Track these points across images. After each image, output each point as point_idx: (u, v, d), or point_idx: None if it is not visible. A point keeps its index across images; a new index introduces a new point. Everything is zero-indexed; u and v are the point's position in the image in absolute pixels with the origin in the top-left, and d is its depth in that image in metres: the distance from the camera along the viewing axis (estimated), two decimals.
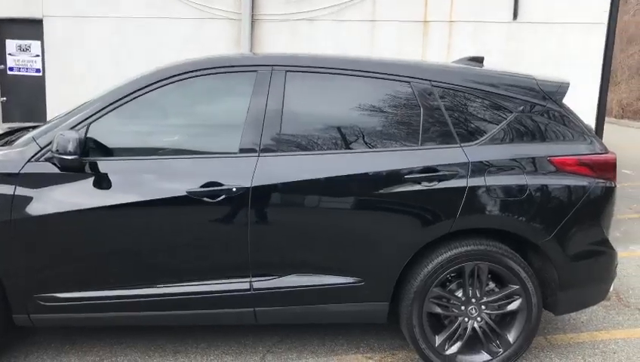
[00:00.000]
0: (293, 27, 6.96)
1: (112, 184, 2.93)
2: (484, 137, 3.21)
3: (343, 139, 3.15)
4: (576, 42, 6.10)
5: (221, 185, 2.96)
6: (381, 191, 3.06)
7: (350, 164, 3.08)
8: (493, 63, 3.69)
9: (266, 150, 3.04)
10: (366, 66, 3.23)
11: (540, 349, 3.60)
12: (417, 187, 3.06)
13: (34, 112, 8.53)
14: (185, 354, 3.41)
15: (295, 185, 3.02)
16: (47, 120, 3.51)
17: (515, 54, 5.71)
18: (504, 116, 3.25)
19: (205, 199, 2.95)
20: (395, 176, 3.06)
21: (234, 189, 2.96)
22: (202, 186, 2.95)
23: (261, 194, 2.98)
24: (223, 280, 3.06)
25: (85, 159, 2.87)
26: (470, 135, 3.20)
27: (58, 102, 8.25)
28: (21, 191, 2.89)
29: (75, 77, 8.00)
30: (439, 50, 6.49)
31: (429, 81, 3.23)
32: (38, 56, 8.64)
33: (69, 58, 8.00)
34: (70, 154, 2.76)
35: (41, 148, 2.95)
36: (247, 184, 2.97)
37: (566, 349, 3.64)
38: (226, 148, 3.08)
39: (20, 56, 8.72)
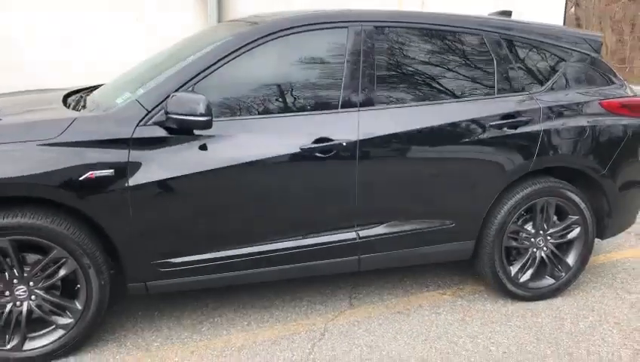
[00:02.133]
0: None
1: (230, 143, 2.92)
2: (547, 84, 3.53)
3: (430, 90, 3.32)
4: None
5: (331, 140, 3.05)
6: (470, 138, 3.29)
7: (440, 114, 3.27)
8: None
9: (365, 104, 3.15)
10: (443, 20, 3.40)
11: None
12: (501, 133, 3.33)
13: None
14: (276, 307, 3.51)
15: (395, 137, 3.17)
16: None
17: (485, 6, 6.03)
18: (560, 65, 3.59)
19: (317, 154, 3.02)
20: (482, 124, 3.31)
21: (344, 143, 3.06)
22: (314, 142, 3.02)
23: (366, 146, 3.10)
24: (332, 232, 3.18)
25: (215, 120, 2.81)
26: (536, 82, 3.52)
27: None
28: (135, 156, 2.79)
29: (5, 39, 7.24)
30: (414, 4, 6.76)
31: (498, 33, 3.48)
32: None
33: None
34: (202, 115, 2.70)
35: (149, 111, 2.85)
36: (354, 138, 3.08)
37: (595, 270, 4.16)
38: (328, 104, 3.14)
39: None
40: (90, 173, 2.72)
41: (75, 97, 3.51)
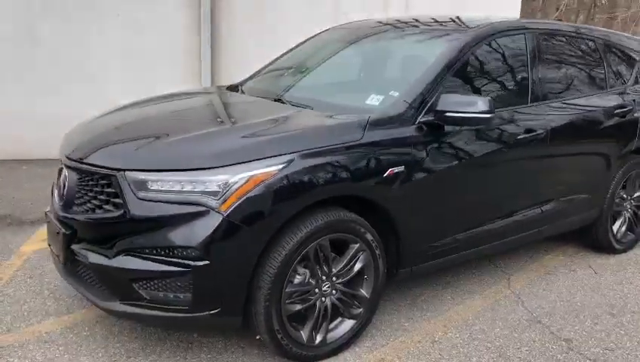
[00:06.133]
0: None
1: (478, 135, 3.32)
2: (630, 80, 4.47)
3: (576, 85, 4.06)
4: (502, 3, 7.68)
5: (534, 130, 3.61)
6: (606, 124, 4.10)
7: (589, 105, 4.06)
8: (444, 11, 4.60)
9: (543, 98, 3.76)
10: (575, 29, 4.17)
11: None
12: (619, 120, 4.19)
13: None
14: (454, 284, 3.93)
15: (568, 125, 3.84)
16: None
17: (458, 11, 6.90)
18: (634, 65, 4.56)
19: (527, 143, 3.57)
20: (610, 113, 4.13)
21: (543, 133, 3.64)
22: (524, 132, 3.56)
23: (553, 135, 3.71)
24: (531, 208, 3.76)
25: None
26: (625, 79, 4.43)
27: None
28: (415, 152, 3.06)
29: None
30: (399, 6, 7.34)
31: (602, 39, 4.33)
32: None
33: None
34: (486, 112, 3.05)
35: (416, 110, 3.12)
36: (546, 128, 3.67)
37: None
38: (521, 99, 3.68)
39: None
40: (390, 170, 2.95)
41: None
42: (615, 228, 4.48)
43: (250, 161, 2.59)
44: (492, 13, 7.11)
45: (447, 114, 3.08)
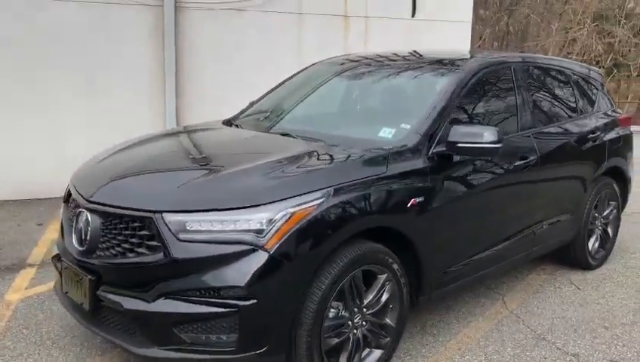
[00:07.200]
0: (220, 17, 6.91)
1: (481, 164, 3.49)
2: (595, 107, 4.84)
3: (554, 113, 4.35)
4: (452, 35, 8.05)
5: (526, 158, 3.83)
6: (584, 147, 4.41)
7: (569, 131, 4.36)
8: None
9: (530, 127, 4.01)
10: (555, 61, 4.50)
11: None
12: (592, 144, 4.51)
13: None
14: (455, 308, 4.08)
15: (554, 151, 4.11)
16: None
17: (412, 44, 7.22)
18: (596, 92, 4.93)
19: (520, 170, 3.78)
20: (586, 137, 4.44)
21: (534, 160, 3.87)
22: (519, 160, 3.77)
23: (542, 161, 3.95)
24: (525, 231, 3.95)
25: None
26: (592, 107, 4.78)
27: None
28: (431, 181, 3.18)
29: None
30: (358, 41, 7.55)
31: (571, 70, 4.67)
32: None
33: None
34: (495, 143, 3.23)
35: (427, 142, 3.26)
36: (536, 155, 3.90)
37: None
38: (512, 128, 3.89)
39: None
40: (413, 200, 3.06)
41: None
42: (590, 245, 4.77)
43: (290, 198, 2.62)
44: (444, 46, 7.61)
45: (459, 145, 3.23)
